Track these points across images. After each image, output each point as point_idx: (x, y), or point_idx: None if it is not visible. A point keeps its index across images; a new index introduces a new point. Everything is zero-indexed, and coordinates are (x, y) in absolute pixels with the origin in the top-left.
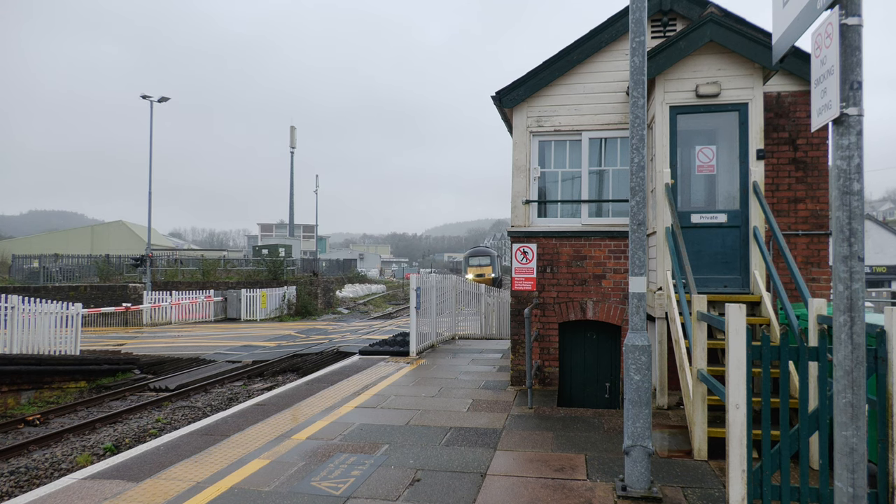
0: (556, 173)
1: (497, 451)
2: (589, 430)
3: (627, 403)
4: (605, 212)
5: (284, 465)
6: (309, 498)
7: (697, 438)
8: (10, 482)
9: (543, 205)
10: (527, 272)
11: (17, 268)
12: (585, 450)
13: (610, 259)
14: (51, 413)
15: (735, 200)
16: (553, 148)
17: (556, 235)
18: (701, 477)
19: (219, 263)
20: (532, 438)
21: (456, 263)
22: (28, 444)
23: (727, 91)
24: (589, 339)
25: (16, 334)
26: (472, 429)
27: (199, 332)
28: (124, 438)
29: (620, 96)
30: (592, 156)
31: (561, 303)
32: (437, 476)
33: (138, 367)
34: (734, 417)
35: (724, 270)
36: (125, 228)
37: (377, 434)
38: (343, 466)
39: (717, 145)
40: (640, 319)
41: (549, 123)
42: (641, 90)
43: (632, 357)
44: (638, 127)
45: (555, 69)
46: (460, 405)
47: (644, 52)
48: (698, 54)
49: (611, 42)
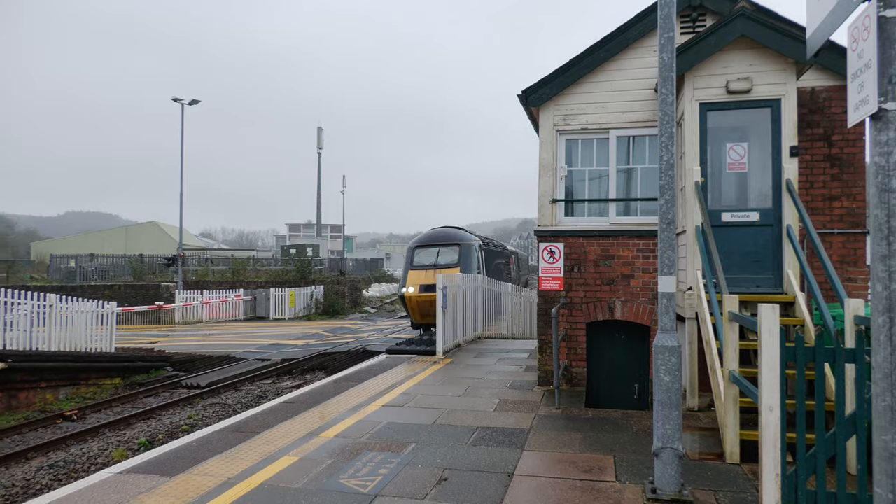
0: (583, 172)
1: (524, 452)
2: (617, 431)
3: (657, 405)
4: (634, 210)
5: (313, 462)
6: (337, 495)
7: (729, 441)
8: (50, 475)
9: (570, 204)
10: (554, 272)
11: (55, 267)
12: (614, 451)
13: (638, 258)
14: (87, 408)
15: (767, 198)
16: (580, 146)
17: (583, 234)
18: (733, 480)
19: (248, 263)
20: (560, 439)
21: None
22: (66, 439)
23: (759, 87)
24: (617, 339)
25: (54, 332)
26: (499, 429)
27: (229, 330)
28: (158, 434)
29: (648, 93)
30: (620, 154)
31: (588, 302)
32: (464, 475)
33: (171, 364)
34: (768, 420)
35: (756, 270)
36: (158, 229)
37: (404, 433)
38: (371, 465)
39: (749, 142)
40: (669, 320)
41: (576, 122)
42: (670, 87)
43: (661, 358)
44: (667, 124)
45: (581, 67)
46: (487, 405)
47: (673, 49)
48: (729, 50)
49: (638, 39)
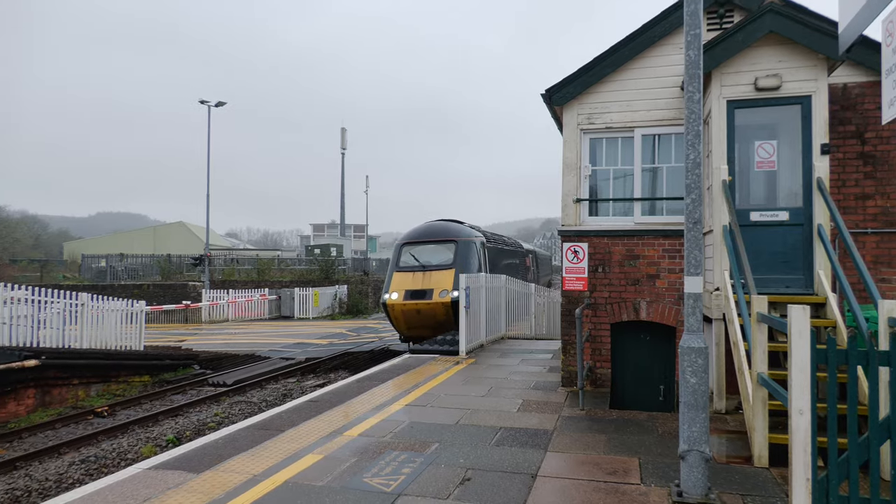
0: (607, 171)
1: (548, 453)
2: (642, 433)
3: (683, 407)
4: (659, 210)
5: (337, 460)
6: (361, 494)
7: (758, 444)
8: (81, 470)
9: (595, 203)
10: (578, 272)
11: (87, 267)
12: (639, 453)
13: (664, 258)
14: (117, 405)
15: (797, 197)
16: (604, 145)
17: (607, 234)
18: (762, 485)
19: (273, 263)
20: (584, 440)
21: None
22: (97, 435)
23: (789, 83)
24: (642, 340)
25: (85, 330)
26: (522, 429)
27: (254, 329)
28: (185, 431)
29: (674, 91)
30: (645, 153)
31: (613, 303)
32: (487, 476)
33: (198, 362)
34: (798, 424)
35: (785, 270)
36: (185, 229)
37: (427, 432)
38: (394, 464)
39: (778, 140)
40: (696, 320)
41: (600, 120)
42: (697, 85)
43: (687, 359)
44: (693, 122)
45: (606, 65)
46: (510, 405)
47: (699, 46)
48: (757, 46)
49: (664, 36)
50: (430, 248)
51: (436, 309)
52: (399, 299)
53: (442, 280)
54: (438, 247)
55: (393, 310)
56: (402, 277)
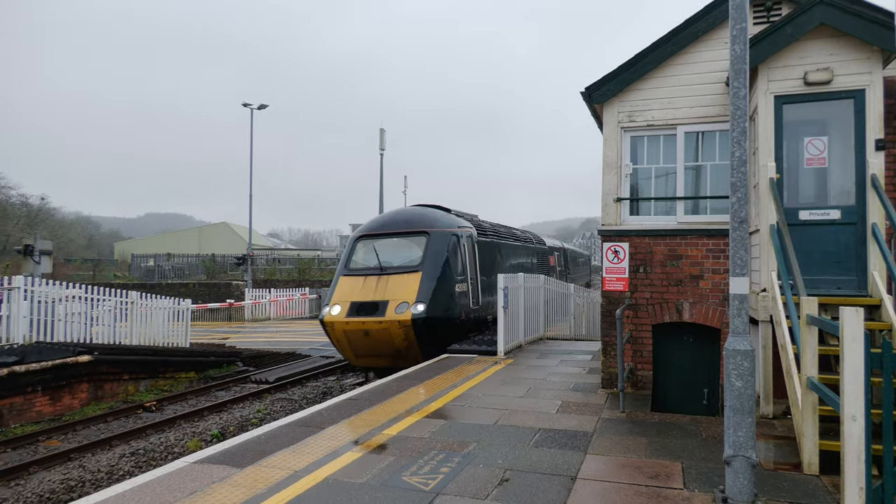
0: (648, 170)
1: (588, 455)
2: (685, 437)
3: (728, 411)
4: (703, 209)
5: (376, 458)
6: (400, 492)
7: (807, 451)
8: (131, 462)
9: (636, 202)
10: (618, 272)
11: (136, 266)
12: (682, 458)
13: (708, 258)
14: (165, 400)
15: (850, 195)
16: (646, 143)
17: (649, 234)
18: (812, 493)
19: (313, 262)
20: (624, 443)
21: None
22: (146, 428)
23: (840, 77)
24: (685, 342)
25: (135, 327)
26: (561, 431)
27: (295, 328)
28: (229, 426)
29: (719, 87)
30: (688, 151)
31: (654, 304)
32: (525, 477)
33: (241, 360)
34: (850, 430)
35: (836, 271)
36: (228, 229)
37: (465, 432)
38: (432, 463)
39: (829, 136)
40: (741, 322)
41: (642, 118)
42: (743, 80)
43: (733, 362)
44: (739, 119)
45: (647, 62)
46: (549, 406)
47: (746, 40)
48: (807, 39)
49: (708, 31)
50: (392, 243)
51: (390, 331)
52: (340, 315)
53: (402, 288)
54: (404, 241)
55: (332, 330)
56: (351, 284)
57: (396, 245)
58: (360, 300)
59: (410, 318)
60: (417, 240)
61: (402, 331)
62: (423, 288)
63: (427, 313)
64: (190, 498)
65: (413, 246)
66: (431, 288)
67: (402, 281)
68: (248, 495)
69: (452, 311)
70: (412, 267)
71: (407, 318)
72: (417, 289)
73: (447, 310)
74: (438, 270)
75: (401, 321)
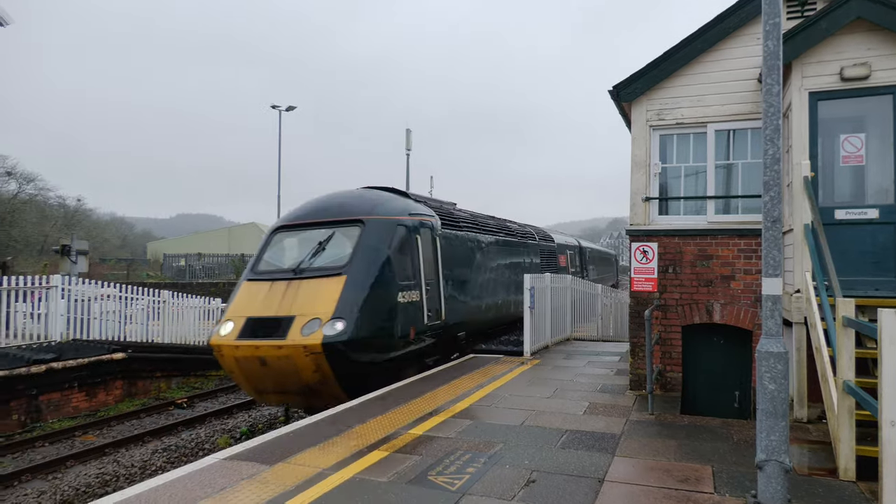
0: (678, 168)
1: (615, 457)
2: (716, 440)
3: (761, 414)
4: (734, 208)
5: (402, 457)
6: (425, 491)
7: (843, 456)
8: (163, 458)
9: (665, 202)
10: (647, 272)
11: (168, 265)
12: (712, 461)
13: (739, 259)
14: (195, 397)
15: (889, 194)
16: (675, 142)
17: (678, 234)
18: (848, 499)
19: None
20: (653, 446)
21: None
22: (178, 425)
23: (879, 72)
24: (716, 343)
25: (167, 326)
26: (588, 432)
27: None
28: (258, 423)
29: (750, 84)
30: (719, 149)
31: (684, 305)
32: (552, 478)
33: None
34: (889, 436)
35: (874, 272)
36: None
37: (491, 433)
38: (458, 463)
39: (867, 133)
40: (774, 324)
41: (671, 116)
42: (776, 76)
43: (766, 364)
44: (772, 116)
45: (676, 59)
46: (576, 408)
47: (779, 36)
48: (843, 34)
49: (739, 27)
50: (316, 237)
51: (294, 360)
52: (230, 336)
53: (316, 297)
54: (332, 233)
55: (221, 357)
56: (253, 292)
57: (321, 238)
58: (257, 315)
59: (321, 343)
60: (349, 231)
61: (310, 360)
62: (346, 298)
63: (349, 334)
64: (220, 494)
65: (343, 240)
66: (359, 298)
67: (318, 288)
68: (275, 492)
69: (392, 330)
70: (335, 269)
71: (316, 342)
72: (338, 299)
73: (383, 328)
74: (372, 273)
75: (307, 346)
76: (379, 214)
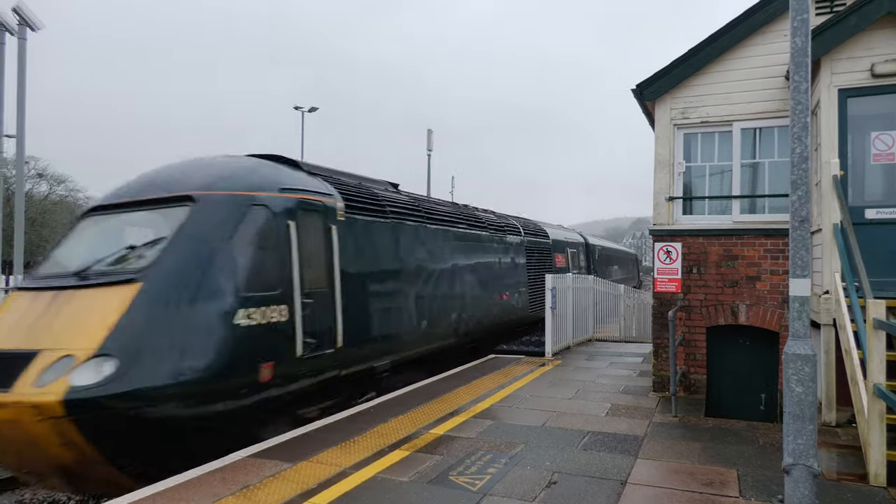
0: (702, 167)
1: (638, 459)
2: (741, 443)
3: (787, 417)
4: (760, 208)
5: (423, 457)
6: (446, 491)
7: (874, 461)
8: None
9: (689, 201)
10: (670, 273)
11: None
12: (737, 465)
13: (766, 259)
14: None
15: None
16: (699, 141)
17: (703, 234)
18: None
19: None
20: (676, 448)
21: None
22: None
23: None
24: (741, 345)
25: None
26: (610, 434)
27: None
28: None
29: (778, 82)
30: (745, 147)
31: (709, 306)
32: (574, 480)
33: None
34: None
35: None
36: None
37: (512, 433)
38: (479, 463)
39: None
40: (802, 325)
41: (696, 115)
42: (804, 73)
43: (793, 367)
44: (800, 114)
45: (701, 57)
46: (598, 409)
47: (807, 32)
48: (873, 29)
49: (766, 23)
50: (130, 223)
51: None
52: None
53: (80, 320)
54: (150, 218)
55: None
56: (13, 308)
57: (134, 226)
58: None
59: (61, 399)
60: (172, 214)
61: (47, 427)
62: (130, 321)
63: (121, 382)
64: (242, 492)
65: (159, 228)
66: (153, 320)
67: (90, 304)
68: (299, 490)
69: (220, 370)
70: (127, 273)
71: (51, 399)
72: (114, 324)
73: (200, 368)
74: (189, 279)
75: (38, 405)
76: (221, 190)
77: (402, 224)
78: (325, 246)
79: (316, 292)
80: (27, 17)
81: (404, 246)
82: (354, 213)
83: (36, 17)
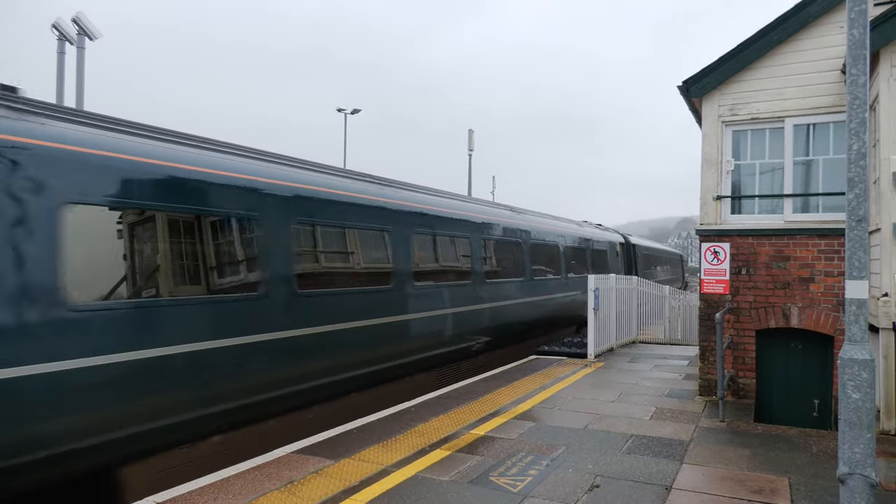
0: (752, 165)
1: (683, 465)
2: (793, 450)
3: (843, 425)
4: (814, 207)
5: (463, 457)
6: (487, 492)
7: None
8: None
9: (737, 200)
10: (718, 274)
11: None
12: (789, 472)
13: (819, 260)
14: None
15: None
16: (749, 138)
17: (752, 234)
18: None
19: None
20: (724, 454)
21: None
22: None
23: None
24: (793, 349)
25: None
26: (655, 438)
27: None
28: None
29: (833, 76)
30: (797, 144)
31: (758, 308)
32: (617, 484)
33: None
34: None
35: None
36: None
37: (554, 435)
38: (520, 465)
39: None
40: (859, 329)
41: (745, 111)
42: (862, 67)
43: (849, 372)
44: (857, 109)
45: (751, 51)
46: (642, 412)
47: (865, 23)
48: None
49: (819, 16)
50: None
51: None
52: None
53: None
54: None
55: None
56: None
57: None
58: None
59: None
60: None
61: None
62: None
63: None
64: (287, 487)
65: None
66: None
67: None
68: (341, 487)
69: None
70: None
71: None
72: None
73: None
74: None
75: None
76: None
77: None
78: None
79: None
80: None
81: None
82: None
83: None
